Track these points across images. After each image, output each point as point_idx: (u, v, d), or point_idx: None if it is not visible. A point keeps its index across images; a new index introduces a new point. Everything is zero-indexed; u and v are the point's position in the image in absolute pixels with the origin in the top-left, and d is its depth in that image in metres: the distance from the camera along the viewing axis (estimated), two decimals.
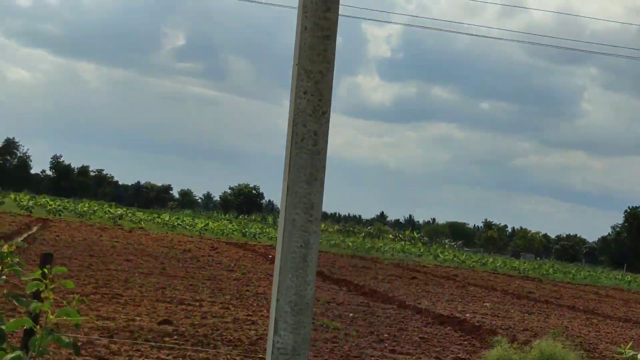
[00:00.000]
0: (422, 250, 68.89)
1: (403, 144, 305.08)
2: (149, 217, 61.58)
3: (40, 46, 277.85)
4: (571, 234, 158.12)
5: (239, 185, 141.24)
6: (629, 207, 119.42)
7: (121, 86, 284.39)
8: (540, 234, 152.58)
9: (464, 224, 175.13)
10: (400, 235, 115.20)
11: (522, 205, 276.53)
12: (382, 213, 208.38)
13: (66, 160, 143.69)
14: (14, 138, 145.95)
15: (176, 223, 56.75)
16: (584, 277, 62.16)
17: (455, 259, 62.97)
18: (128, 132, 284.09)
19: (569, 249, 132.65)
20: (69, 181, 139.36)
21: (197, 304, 17.11)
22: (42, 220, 45.31)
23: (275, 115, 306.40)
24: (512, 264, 66.49)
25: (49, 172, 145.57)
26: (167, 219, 59.23)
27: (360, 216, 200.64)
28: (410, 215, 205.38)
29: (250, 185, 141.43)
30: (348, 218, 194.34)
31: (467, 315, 22.53)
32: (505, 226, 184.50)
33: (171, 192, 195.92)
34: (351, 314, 18.88)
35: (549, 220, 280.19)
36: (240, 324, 14.72)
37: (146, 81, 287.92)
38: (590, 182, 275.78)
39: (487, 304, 27.51)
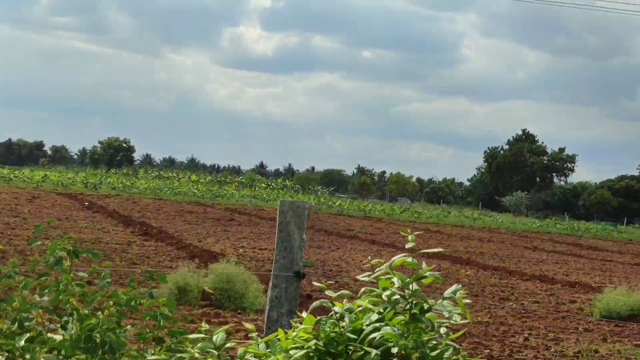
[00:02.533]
0: (273, 196, 68.88)
1: (288, 94, 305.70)
2: None
3: None
4: (448, 178, 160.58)
5: (108, 138, 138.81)
6: (488, 147, 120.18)
7: None
8: (413, 178, 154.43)
9: (340, 171, 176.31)
10: (273, 184, 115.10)
11: (406, 152, 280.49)
12: (261, 163, 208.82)
13: None
14: None
15: (12, 176, 55.67)
16: (429, 216, 63.05)
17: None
18: (8, 89, 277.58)
19: (438, 191, 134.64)
20: None
21: None
22: None
23: (158, 69, 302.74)
24: (360, 206, 67.08)
25: None
26: (4, 172, 58.07)
27: (239, 167, 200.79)
28: (289, 165, 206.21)
29: (121, 139, 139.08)
30: (227, 169, 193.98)
31: (240, 250, 22.50)
32: (384, 172, 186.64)
33: (44, 148, 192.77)
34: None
35: (434, 165, 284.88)
36: None
37: (21, 36, 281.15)
38: (473, 126, 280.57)
39: None
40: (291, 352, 4.00)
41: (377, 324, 3.89)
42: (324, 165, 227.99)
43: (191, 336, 4.10)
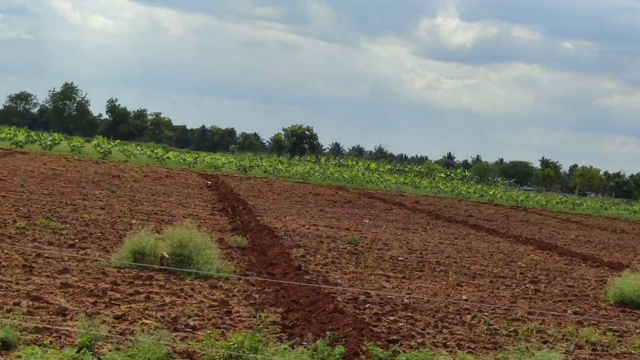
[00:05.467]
0: (423, 183, 68.41)
1: (484, 85, 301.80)
2: (146, 152, 63.02)
3: None
4: None
5: (292, 126, 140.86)
6: None
7: (200, 32, 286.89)
8: (601, 172, 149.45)
9: (527, 163, 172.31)
10: (452, 175, 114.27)
11: (606, 146, 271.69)
12: (449, 154, 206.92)
13: (142, 105, 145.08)
14: (72, 83, 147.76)
15: (165, 156, 57.69)
16: (586, 208, 61.07)
17: (453, 190, 62.61)
18: (207, 78, 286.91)
19: (623, 186, 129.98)
20: (126, 125, 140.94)
21: None
22: (9, 153, 46.16)
23: (355, 59, 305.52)
24: (513, 195, 65.57)
25: (105, 116, 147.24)
26: (159, 152, 60.11)
27: (426, 157, 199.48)
28: (477, 156, 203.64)
29: (304, 126, 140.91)
30: (414, 159, 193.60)
31: (306, 228, 22.40)
32: (575, 165, 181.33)
33: (236, 135, 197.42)
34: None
35: (634, 160, 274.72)
36: None
37: (223, 27, 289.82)
38: None
39: (367, 221, 27.38)
40: None
41: None
42: (512, 158, 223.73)
43: None
